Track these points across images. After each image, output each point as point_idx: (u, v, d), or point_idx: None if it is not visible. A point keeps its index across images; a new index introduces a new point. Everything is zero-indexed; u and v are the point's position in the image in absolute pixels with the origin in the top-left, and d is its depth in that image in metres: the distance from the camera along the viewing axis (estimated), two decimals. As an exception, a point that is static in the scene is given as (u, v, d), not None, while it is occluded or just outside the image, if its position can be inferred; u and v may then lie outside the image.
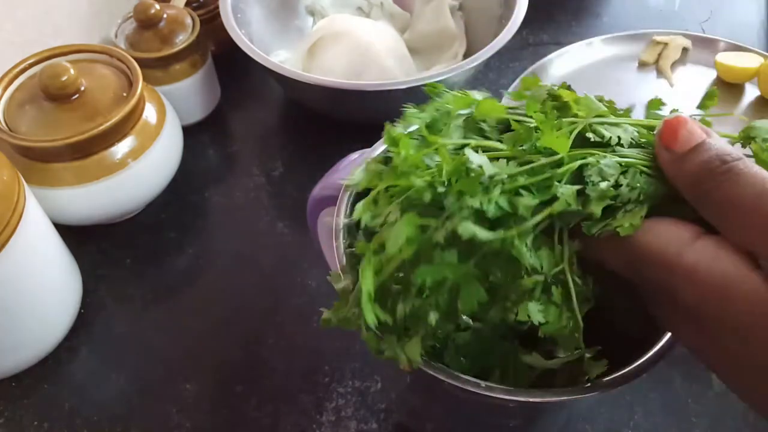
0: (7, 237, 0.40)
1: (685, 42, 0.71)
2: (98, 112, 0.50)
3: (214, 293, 0.54)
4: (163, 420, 0.46)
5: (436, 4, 0.71)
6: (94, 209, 0.52)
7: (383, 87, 0.55)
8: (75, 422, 0.46)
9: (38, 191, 0.49)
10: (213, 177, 0.63)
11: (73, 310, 0.50)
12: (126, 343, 0.50)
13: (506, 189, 0.26)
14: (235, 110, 0.69)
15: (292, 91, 0.66)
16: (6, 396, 0.47)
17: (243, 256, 0.56)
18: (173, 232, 0.58)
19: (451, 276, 0.26)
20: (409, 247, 0.26)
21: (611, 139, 0.27)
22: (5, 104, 0.50)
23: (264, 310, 0.52)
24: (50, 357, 0.49)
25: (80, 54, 0.54)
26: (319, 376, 0.48)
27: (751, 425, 0.45)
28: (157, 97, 0.56)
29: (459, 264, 0.26)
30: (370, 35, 0.65)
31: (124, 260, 0.56)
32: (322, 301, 0.52)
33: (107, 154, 0.50)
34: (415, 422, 0.46)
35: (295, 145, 0.66)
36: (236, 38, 0.60)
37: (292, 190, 0.61)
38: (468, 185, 0.26)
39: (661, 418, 0.45)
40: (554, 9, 0.80)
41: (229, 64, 0.68)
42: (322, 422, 0.45)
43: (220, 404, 0.46)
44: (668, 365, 0.47)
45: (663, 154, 0.25)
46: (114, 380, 0.48)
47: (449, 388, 0.29)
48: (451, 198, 0.26)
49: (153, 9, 0.59)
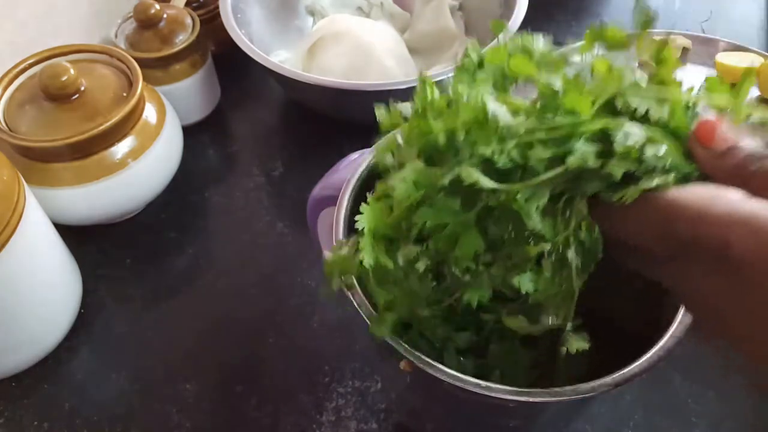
0: (7, 237, 0.40)
1: (685, 42, 0.71)
2: (98, 112, 0.50)
3: (214, 293, 0.54)
4: (163, 420, 0.46)
5: (436, 4, 0.71)
6: (94, 209, 0.52)
7: (383, 87, 0.55)
8: (75, 422, 0.46)
9: (38, 191, 0.49)
10: (213, 177, 0.63)
11: (73, 310, 0.50)
12: (126, 343, 0.50)
13: (521, 142, 0.24)
14: (235, 110, 0.69)
15: (292, 91, 0.66)
16: (6, 396, 0.47)
17: (243, 256, 0.56)
18: (173, 232, 0.58)
19: (451, 222, 0.25)
20: (416, 191, 0.25)
21: (638, 111, 0.25)
22: (5, 104, 0.50)
23: (264, 310, 0.52)
24: (50, 357, 0.49)
25: (80, 54, 0.54)
26: (319, 376, 0.47)
27: (751, 425, 0.45)
28: (157, 97, 0.56)
29: (461, 211, 0.25)
30: (370, 35, 0.65)
31: (124, 260, 0.56)
32: (321, 301, 0.52)
33: (107, 154, 0.50)
34: (415, 422, 0.46)
35: (295, 145, 0.66)
36: (236, 38, 0.60)
37: (292, 190, 0.61)
38: (482, 133, 0.25)
39: (661, 418, 0.45)
40: (554, 9, 0.80)
41: (229, 64, 0.68)
42: (322, 422, 0.45)
43: (220, 404, 0.46)
44: (668, 365, 0.47)
45: (698, 150, 0.25)
46: (114, 380, 0.48)
47: (449, 388, 0.29)
48: (464, 146, 0.25)
49: (153, 9, 0.59)
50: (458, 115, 0.25)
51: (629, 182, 0.24)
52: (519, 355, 0.42)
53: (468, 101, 0.26)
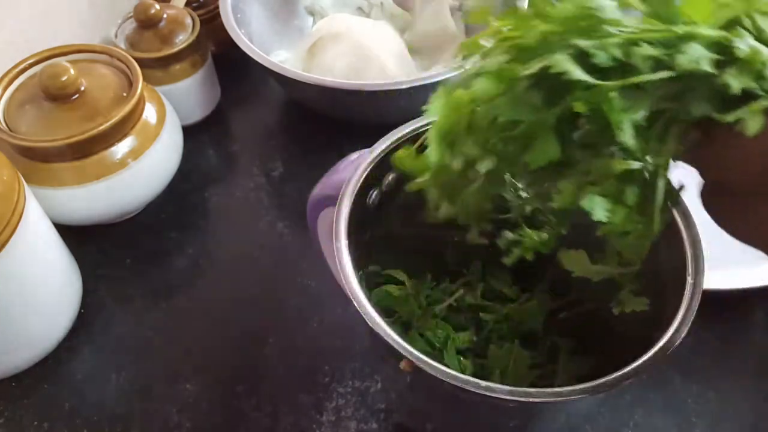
0: (7, 237, 0.40)
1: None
2: (98, 112, 0.50)
3: (214, 293, 0.54)
4: (163, 420, 0.46)
5: (436, 4, 0.71)
6: (94, 209, 0.52)
7: (383, 87, 0.55)
8: (75, 422, 0.46)
9: (38, 191, 0.49)
10: (213, 177, 0.63)
11: (73, 310, 0.50)
12: (126, 343, 0.50)
13: (626, 38, 0.21)
14: (235, 110, 0.69)
15: (292, 91, 0.66)
16: (6, 396, 0.47)
17: (243, 256, 0.56)
18: (173, 232, 0.58)
19: (528, 119, 0.22)
20: (498, 84, 0.22)
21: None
22: (5, 104, 0.50)
23: (264, 310, 0.52)
24: (50, 357, 0.49)
25: (80, 54, 0.54)
26: (319, 376, 0.47)
27: (751, 425, 0.45)
28: (157, 97, 0.56)
29: (542, 108, 0.21)
30: (370, 35, 0.65)
31: (124, 260, 0.56)
32: (322, 301, 0.52)
33: (107, 154, 0.50)
34: (415, 422, 0.46)
35: (295, 145, 0.66)
36: (236, 38, 0.60)
37: (292, 190, 0.61)
38: (584, 27, 0.21)
39: (661, 418, 0.45)
40: (554, 9, 0.80)
41: (229, 64, 0.68)
42: (322, 422, 0.45)
43: (220, 404, 0.46)
44: (668, 365, 0.47)
45: None
46: (114, 380, 0.48)
47: (449, 388, 0.29)
48: (559, 42, 0.21)
49: (153, 9, 0.59)
50: (558, 12, 0.22)
51: (742, 101, 0.20)
52: (519, 355, 0.42)
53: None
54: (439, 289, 0.46)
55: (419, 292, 0.44)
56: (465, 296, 0.46)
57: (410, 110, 0.35)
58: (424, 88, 0.55)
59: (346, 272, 0.33)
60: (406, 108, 0.58)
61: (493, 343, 0.43)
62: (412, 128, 0.39)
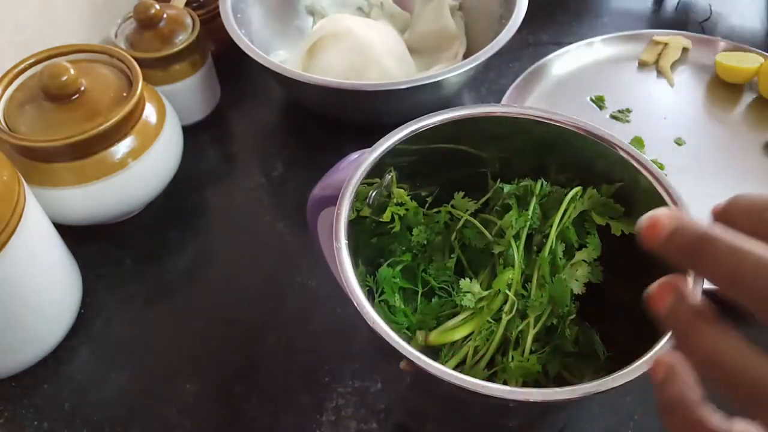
0: (7, 237, 0.40)
1: (685, 42, 0.71)
2: (98, 112, 0.50)
3: (214, 293, 0.54)
4: (163, 420, 0.46)
5: (436, 4, 0.71)
6: (94, 209, 0.52)
7: (383, 87, 0.55)
8: (75, 422, 0.46)
9: (38, 191, 0.49)
10: (213, 177, 0.63)
11: (73, 310, 0.50)
12: (126, 343, 0.50)
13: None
14: (235, 110, 0.69)
15: (292, 91, 0.66)
16: (6, 396, 0.47)
17: (243, 256, 0.56)
18: (173, 232, 0.58)
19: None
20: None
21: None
22: (5, 104, 0.50)
23: (264, 310, 0.52)
24: (50, 357, 0.49)
25: (80, 54, 0.54)
26: (319, 376, 0.47)
27: (751, 425, 0.45)
28: (157, 97, 0.56)
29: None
30: (370, 35, 0.65)
31: (124, 260, 0.56)
32: (322, 301, 0.52)
33: (107, 154, 0.50)
34: (415, 422, 0.46)
35: (295, 145, 0.66)
36: (236, 38, 0.60)
37: (292, 190, 0.61)
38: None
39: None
40: (554, 9, 0.80)
41: (229, 64, 0.68)
42: (322, 422, 0.45)
43: (220, 404, 0.46)
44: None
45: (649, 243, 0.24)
46: (114, 380, 0.48)
47: (449, 388, 0.29)
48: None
49: (153, 9, 0.59)
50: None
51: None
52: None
53: None
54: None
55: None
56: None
57: (410, 110, 0.35)
58: (424, 88, 0.55)
59: (346, 272, 0.33)
60: (406, 108, 0.59)
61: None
62: (412, 128, 0.38)
